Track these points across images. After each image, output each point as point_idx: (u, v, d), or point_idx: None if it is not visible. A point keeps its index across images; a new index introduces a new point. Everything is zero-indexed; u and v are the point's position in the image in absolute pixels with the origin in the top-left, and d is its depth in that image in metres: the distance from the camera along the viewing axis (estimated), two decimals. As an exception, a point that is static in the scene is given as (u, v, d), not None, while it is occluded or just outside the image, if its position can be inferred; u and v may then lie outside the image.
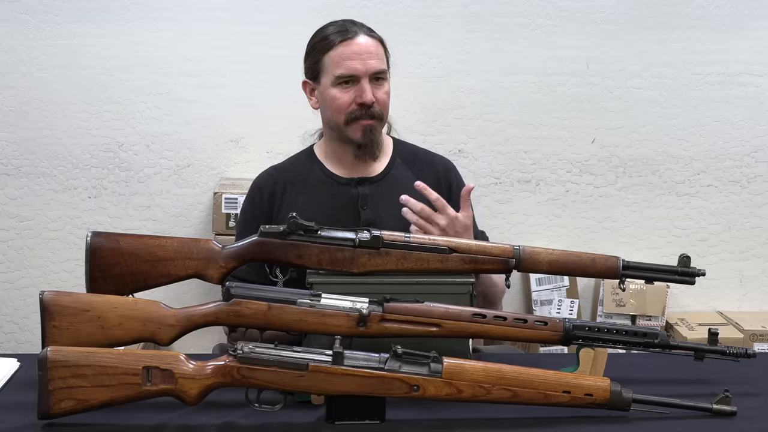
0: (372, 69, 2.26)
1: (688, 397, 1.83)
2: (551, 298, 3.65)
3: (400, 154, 2.41)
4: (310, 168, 2.38)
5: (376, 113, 2.28)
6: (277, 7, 3.54)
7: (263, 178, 2.41)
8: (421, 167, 2.41)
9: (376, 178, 2.36)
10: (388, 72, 2.33)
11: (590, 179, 3.70)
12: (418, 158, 2.43)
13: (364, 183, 2.35)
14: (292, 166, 2.42)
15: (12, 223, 3.60)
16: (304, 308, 1.80)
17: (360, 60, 2.26)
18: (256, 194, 2.38)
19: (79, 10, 3.49)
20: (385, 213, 2.28)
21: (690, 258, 1.98)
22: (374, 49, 2.28)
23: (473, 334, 1.86)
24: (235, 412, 1.79)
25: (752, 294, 3.79)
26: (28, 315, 3.63)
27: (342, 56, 2.26)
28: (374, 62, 2.27)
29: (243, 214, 2.42)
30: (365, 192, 2.33)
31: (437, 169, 2.43)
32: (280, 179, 2.38)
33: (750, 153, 3.71)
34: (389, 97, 2.32)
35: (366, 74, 2.26)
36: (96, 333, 1.80)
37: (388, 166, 2.39)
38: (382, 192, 2.34)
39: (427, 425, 1.78)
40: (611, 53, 3.63)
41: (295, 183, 2.36)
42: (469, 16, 3.59)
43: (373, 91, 2.27)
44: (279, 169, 2.43)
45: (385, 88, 2.31)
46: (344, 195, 2.34)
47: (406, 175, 2.38)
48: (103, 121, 3.56)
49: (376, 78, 2.28)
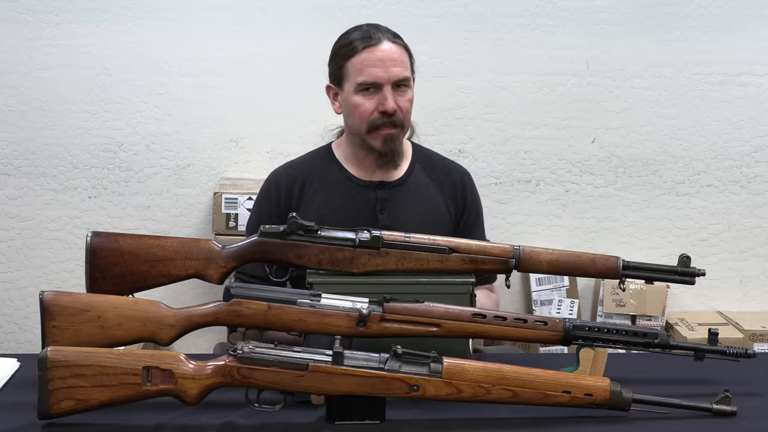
0: (395, 76, 2.24)
1: (688, 397, 1.83)
2: (551, 298, 3.65)
3: (419, 160, 2.41)
4: (329, 167, 2.36)
5: (398, 121, 2.26)
6: (277, 7, 3.54)
7: (279, 174, 2.39)
8: (438, 174, 2.40)
9: (396, 183, 2.35)
10: (412, 78, 2.31)
11: (590, 179, 3.70)
12: (436, 165, 2.43)
13: (383, 187, 2.34)
14: (310, 163, 2.39)
15: (12, 223, 3.60)
16: (304, 308, 1.80)
17: (383, 67, 2.23)
18: (272, 190, 2.35)
19: (79, 10, 3.49)
20: (402, 218, 2.28)
21: (690, 258, 1.98)
22: (398, 56, 2.26)
23: (473, 334, 1.86)
24: (235, 412, 1.79)
25: (752, 294, 3.79)
26: (28, 315, 3.63)
27: (365, 63, 2.24)
28: (397, 69, 2.24)
29: (258, 210, 2.37)
30: (384, 196, 2.32)
31: (454, 177, 2.42)
32: (298, 176, 2.35)
33: (750, 153, 3.71)
34: (412, 104, 2.30)
35: (389, 82, 2.24)
36: (96, 333, 1.80)
37: (408, 172, 2.38)
38: (400, 197, 2.33)
39: (427, 425, 1.78)
40: (611, 53, 3.63)
41: (314, 181, 2.34)
42: (469, 16, 3.59)
43: (395, 99, 2.24)
44: (295, 165, 2.41)
45: (408, 96, 2.28)
46: (362, 197, 2.33)
47: (424, 181, 2.37)
48: (103, 121, 3.56)
49: (399, 85, 2.26)
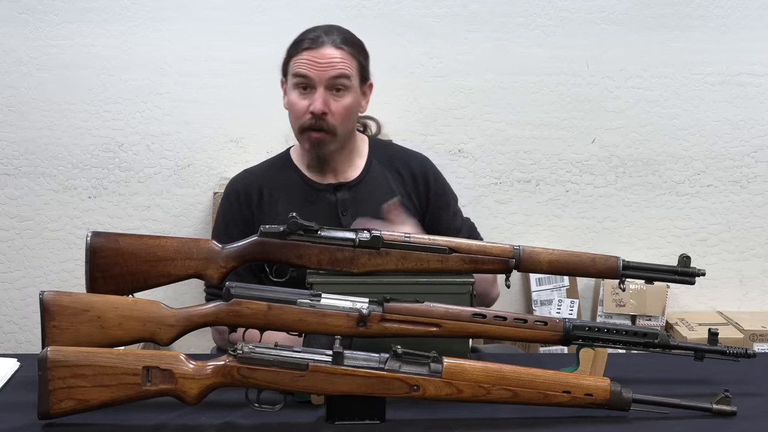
0: (327, 76, 2.22)
1: (688, 397, 1.83)
2: (551, 298, 3.65)
3: (376, 156, 2.40)
4: (287, 173, 2.37)
5: (327, 126, 2.24)
6: (277, 7, 3.54)
7: (237, 181, 2.40)
8: (398, 166, 2.40)
9: (354, 183, 2.36)
10: (354, 83, 2.27)
11: (590, 179, 3.70)
12: (394, 158, 2.42)
13: (341, 188, 2.34)
14: (269, 171, 2.40)
15: (12, 223, 3.60)
16: (304, 308, 1.80)
17: (318, 67, 2.23)
18: (232, 196, 2.36)
19: (79, 10, 3.49)
20: (365, 216, 2.25)
21: (690, 258, 1.98)
22: (338, 60, 2.24)
23: (473, 334, 1.86)
24: (235, 412, 1.79)
25: (752, 294, 3.78)
26: (28, 315, 3.62)
27: (302, 60, 2.25)
28: (332, 71, 2.23)
29: (223, 215, 2.37)
30: (344, 197, 2.33)
31: (413, 168, 2.42)
32: (255, 183, 2.36)
33: (750, 153, 3.71)
34: (349, 112, 2.26)
35: (321, 81, 2.23)
36: (96, 333, 1.80)
37: (365, 169, 2.38)
38: (360, 196, 2.33)
39: (427, 425, 1.78)
40: (611, 53, 3.63)
41: (273, 188, 2.34)
42: (469, 16, 3.59)
43: (329, 102, 2.23)
44: (253, 173, 2.42)
45: (345, 101, 2.25)
46: (323, 201, 2.33)
47: (383, 175, 2.37)
48: (103, 121, 3.56)
49: (337, 88, 2.24)
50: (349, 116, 2.28)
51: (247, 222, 2.30)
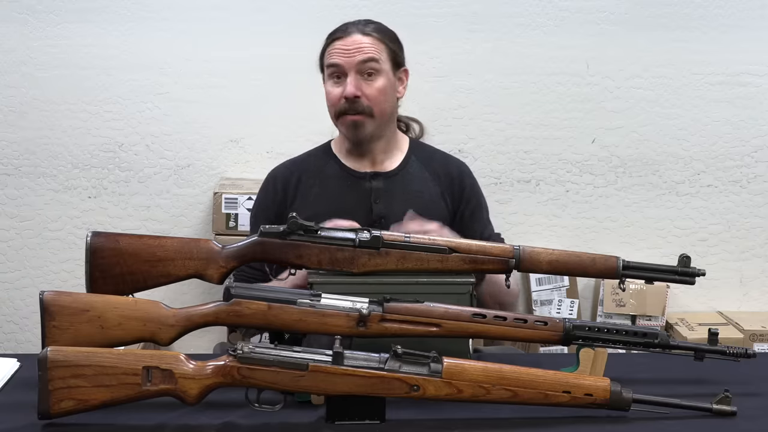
0: (356, 61, 2.26)
1: (688, 397, 1.83)
2: (551, 298, 3.65)
3: (415, 153, 2.42)
4: (326, 161, 2.40)
5: (362, 108, 2.27)
6: (277, 7, 3.54)
7: (279, 169, 2.44)
8: (436, 167, 2.42)
9: (391, 174, 2.37)
10: (385, 67, 2.31)
11: (590, 179, 3.70)
12: (433, 158, 2.44)
13: (378, 177, 2.36)
14: (309, 160, 2.44)
15: (12, 223, 3.60)
16: (304, 308, 1.80)
17: (347, 53, 2.28)
18: (270, 184, 2.41)
19: (79, 10, 3.50)
20: (397, 207, 2.28)
21: (690, 258, 1.97)
22: (366, 45, 2.29)
23: (473, 334, 1.86)
24: (235, 412, 1.79)
25: (752, 294, 3.79)
26: (28, 315, 3.63)
27: (332, 51, 2.30)
28: (361, 56, 2.27)
29: (257, 204, 2.43)
30: (378, 186, 2.35)
31: (451, 170, 2.43)
32: (295, 170, 2.40)
33: (750, 153, 3.71)
34: (383, 94, 2.30)
35: (351, 67, 2.27)
36: (96, 333, 1.80)
37: (403, 163, 2.40)
38: (395, 187, 2.35)
39: (427, 425, 1.77)
40: (611, 53, 3.63)
41: (311, 175, 2.38)
42: (469, 16, 3.59)
43: (361, 86, 2.27)
44: (295, 161, 2.46)
45: (377, 84, 2.29)
46: (358, 188, 2.35)
47: (421, 173, 2.39)
48: (103, 121, 3.56)
49: (368, 73, 2.28)
50: (384, 98, 2.31)
51: (280, 207, 2.34)
